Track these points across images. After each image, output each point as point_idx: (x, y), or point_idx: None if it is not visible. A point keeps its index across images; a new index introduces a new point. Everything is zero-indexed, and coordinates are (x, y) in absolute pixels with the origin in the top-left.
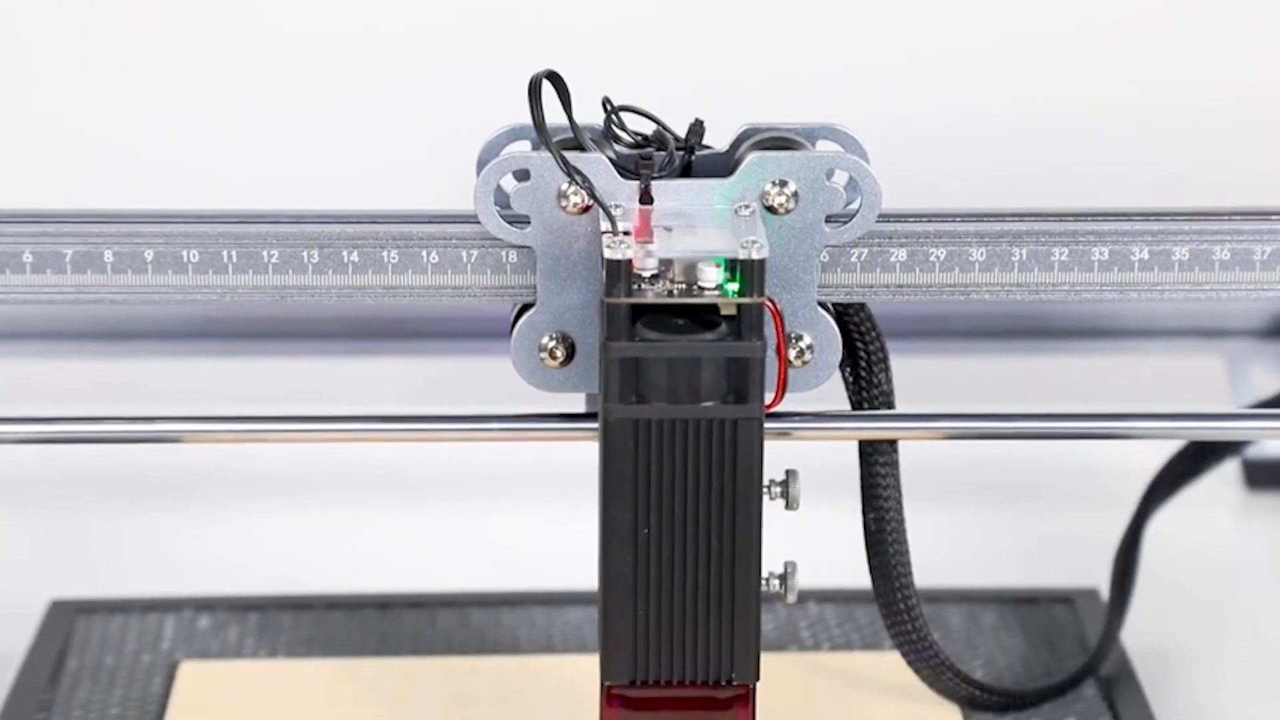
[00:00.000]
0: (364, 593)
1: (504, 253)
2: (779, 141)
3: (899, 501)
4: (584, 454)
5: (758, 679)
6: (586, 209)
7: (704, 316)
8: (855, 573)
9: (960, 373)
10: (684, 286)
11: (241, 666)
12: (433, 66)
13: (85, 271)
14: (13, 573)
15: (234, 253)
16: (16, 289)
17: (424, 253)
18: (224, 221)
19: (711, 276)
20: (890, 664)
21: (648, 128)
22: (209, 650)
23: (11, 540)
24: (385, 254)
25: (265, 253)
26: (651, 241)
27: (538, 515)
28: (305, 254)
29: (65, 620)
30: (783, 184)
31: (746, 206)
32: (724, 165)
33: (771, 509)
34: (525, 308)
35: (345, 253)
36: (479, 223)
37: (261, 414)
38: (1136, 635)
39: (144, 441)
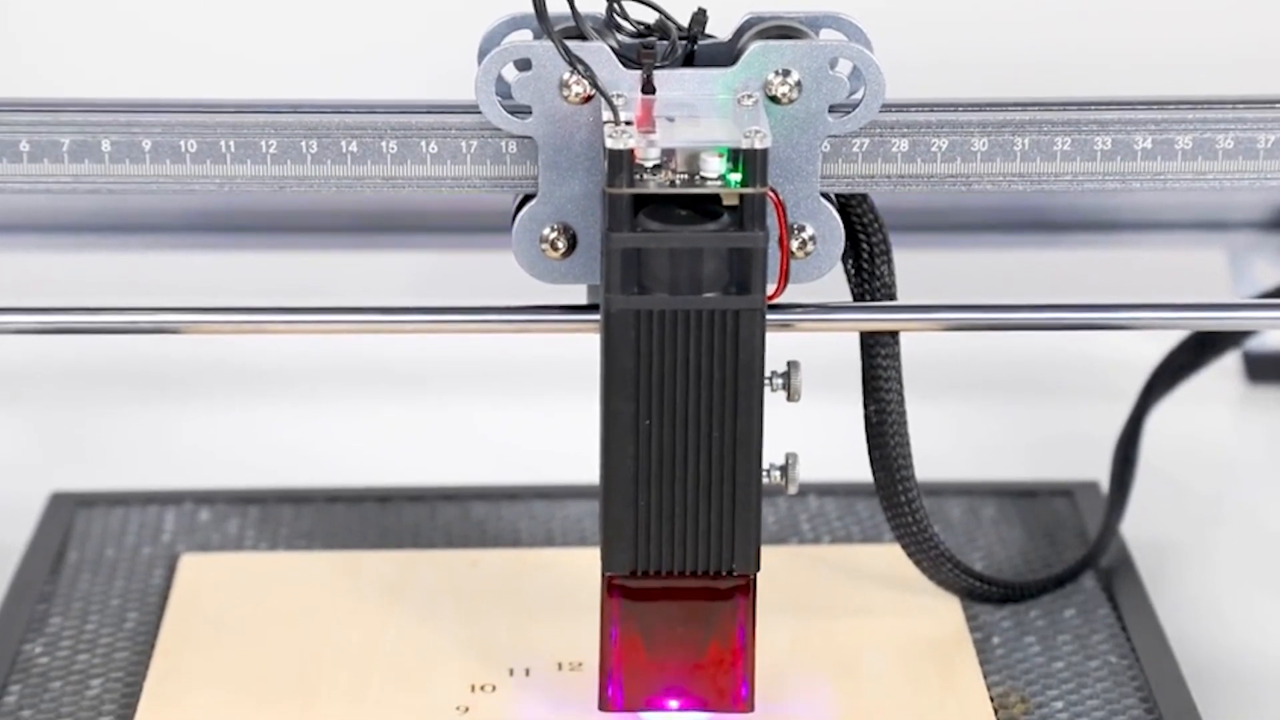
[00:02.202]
0: (364, 486)
1: (503, 143)
2: (782, 30)
3: (900, 394)
4: (585, 347)
5: (758, 569)
6: (588, 99)
7: (706, 207)
8: (856, 466)
9: (961, 268)
10: (686, 177)
11: (242, 559)
12: None
13: (82, 161)
14: (13, 465)
15: (232, 142)
16: (13, 178)
17: (423, 143)
18: (222, 111)
19: (714, 167)
20: (890, 556)
21: (650, 16)
22: (209, 543)
23: (11, 433)
24: (384, 144)
25: (264, 143)
26: (654, 131)
27: (539, 409)
28: (304, 144)
29: (65, 513)
30: (786, 73)
31: (749, 96)
32: (727, 55)
33: (773, 401)
34: (526, 199)
35: (344, 143)
36: (478, 113)
37: (261, 305)
38: (1136, 528)
39: (143, 332)
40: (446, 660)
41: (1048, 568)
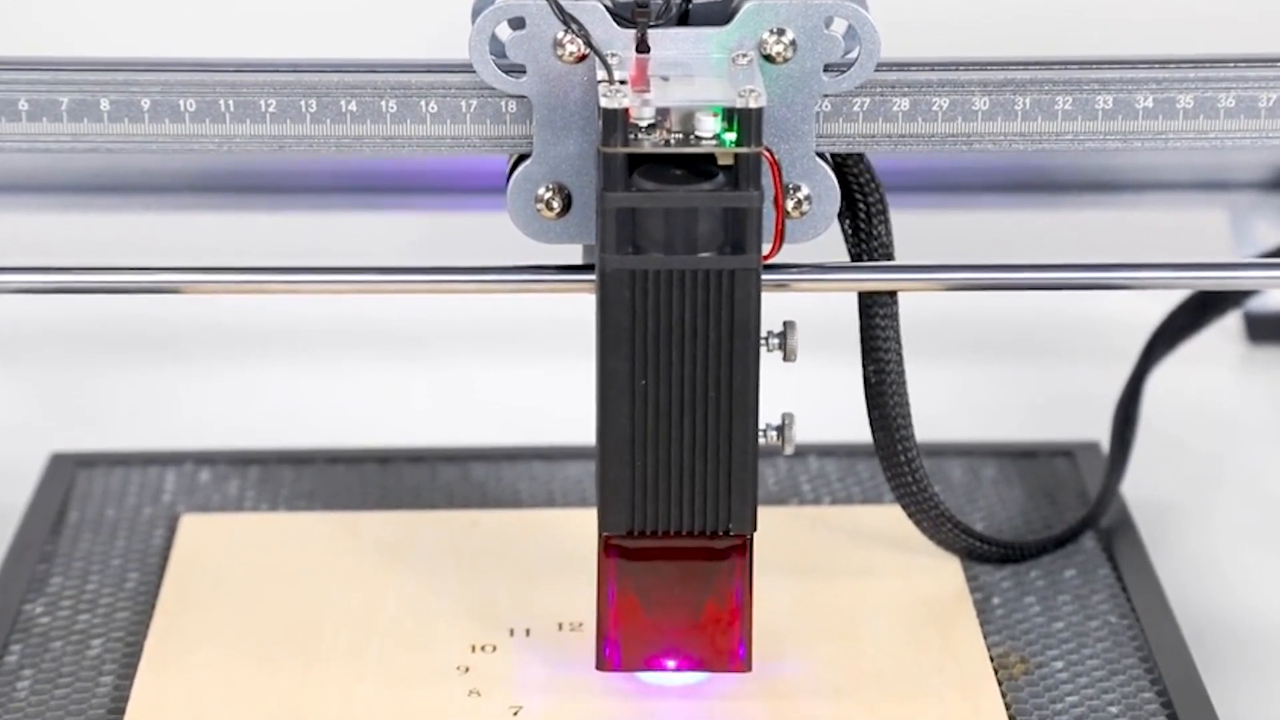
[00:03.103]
0: (365, 447)
1: (503, 103)
2: None
3: (899, 354)
4: (585, 308)
5: (755, 529)
6: (583, 58)
7: (701, 166)
8: (856, 427)
9: (961, 229)
10: (681, 136)
11: (242, 519)
12: None
13: (81, 120)
14: (13, 425)
15: (231, 102)
16: (12, 137)
17: (422, 102)
18: (221, 70)
19: (709, 126)
20: (891, 517)
21: None
22: (210, 503)
23: (11, 393)
24: (383, 103)
25: (263, 102)
26: (648, 91)
27: (539, 370)
28: (303, 103)
29: (66, 473)
30: (780, 32)
31: (744, 55)
32: (721, 13)
33: (770, 362)
34: (521, 159)
35: (343, 102)
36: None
37: (261, 265)
38: (1136, 488)
39: (143, 292)
40: (447, 620)
41: (1048, 528)
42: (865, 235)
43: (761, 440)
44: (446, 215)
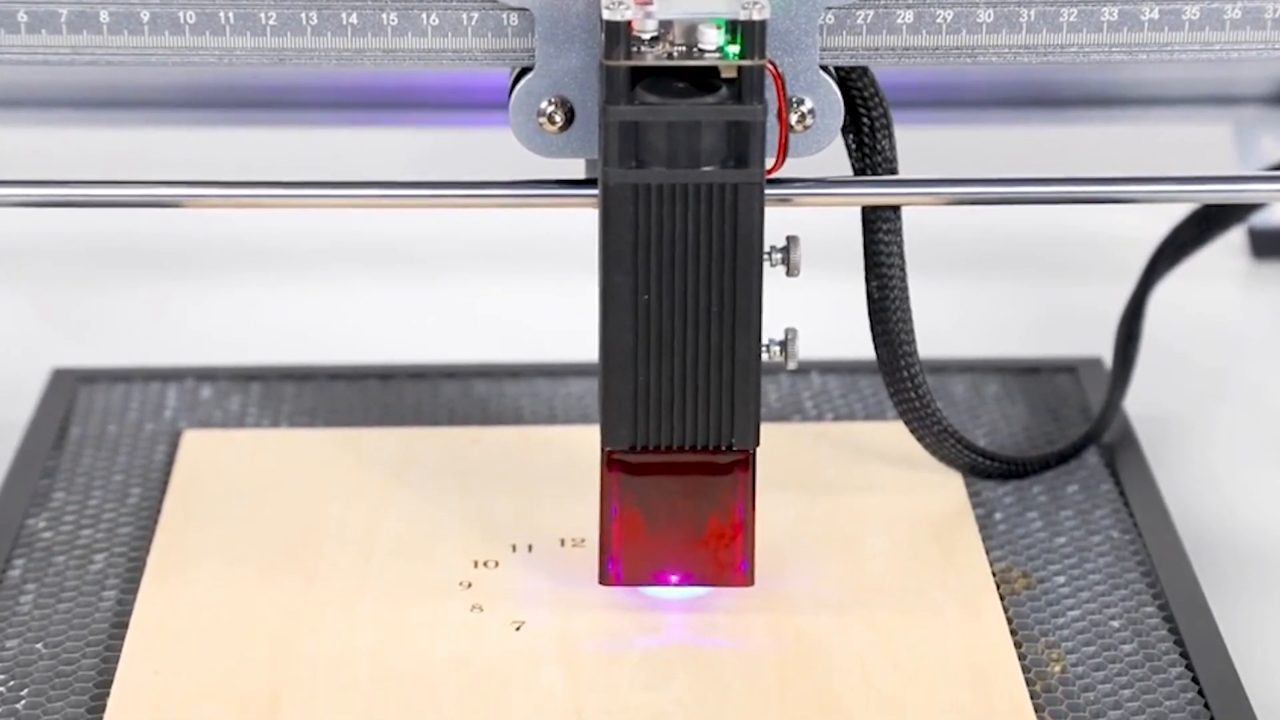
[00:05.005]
0: (366, 363)
1: (504, 15)
2: None
3: (902, 269)
4: (587, 223)
5: (758, 444)
6: None
7: (704, 80)
8: (859, 343)
9: (965, 143)
10: (684, 49)
11: (244, 435)
12: None
13: (81, 32)
14: (14, 341)
15: (231, 14)
16: (11, 49)
17: (424, 15)
18: None
19: (712, 39)
20: (893, 433)
21: None
22: (211, 419)
23: (13, 308)
24: (384, 16)
25: (263, 14)
26: (651, 3)
27: (541, 286)
28: (304, 15)
29: (67, 389)
30: None
31: None
32: None
33: (773, 277)
34: (523, 72)
35: (344, 14)
36: None
37: (262, 180)
38: (1139, 404)
39: (144, 206)
40: (449, 536)
41: (1051, 444)
42: (869, 149)
43: (764, 356)
44: (448, 130)
